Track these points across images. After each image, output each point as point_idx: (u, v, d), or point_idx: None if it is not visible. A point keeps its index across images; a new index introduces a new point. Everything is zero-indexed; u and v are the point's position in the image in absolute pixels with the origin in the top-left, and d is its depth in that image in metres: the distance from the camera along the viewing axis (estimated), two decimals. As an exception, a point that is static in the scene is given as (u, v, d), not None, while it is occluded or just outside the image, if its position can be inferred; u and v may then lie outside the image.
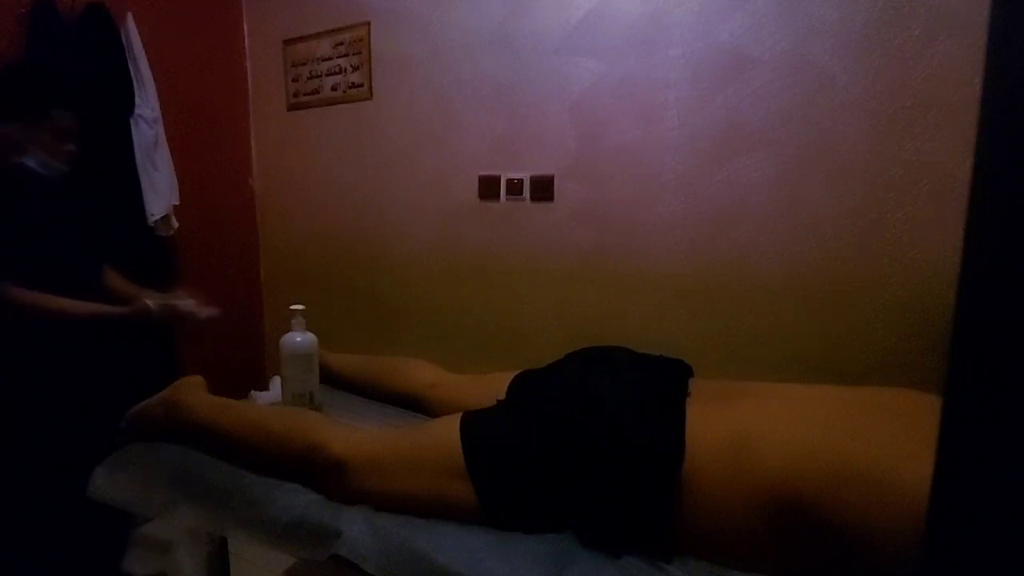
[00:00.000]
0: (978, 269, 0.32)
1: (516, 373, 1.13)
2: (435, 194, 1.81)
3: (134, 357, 1.40)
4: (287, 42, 2.06)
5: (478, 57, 1.67)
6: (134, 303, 1.25)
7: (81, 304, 1.20)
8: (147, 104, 1.73)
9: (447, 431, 0.95)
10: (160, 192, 1.77)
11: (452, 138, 1.76)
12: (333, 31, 1.93)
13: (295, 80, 2.06)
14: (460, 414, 0.98)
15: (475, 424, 0.95)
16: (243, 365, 2.21)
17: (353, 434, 1.01)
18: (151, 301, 1.26)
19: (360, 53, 1.89)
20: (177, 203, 1.83)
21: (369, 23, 1.86)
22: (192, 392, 1.17)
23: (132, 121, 1.70)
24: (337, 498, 0.94)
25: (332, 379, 1.43)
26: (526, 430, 0.92)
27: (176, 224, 1.84)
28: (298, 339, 1.19)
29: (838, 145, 1.26)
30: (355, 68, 1.91)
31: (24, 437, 1.31)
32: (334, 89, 1.97)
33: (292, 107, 2.10)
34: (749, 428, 0.82)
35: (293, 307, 1.20)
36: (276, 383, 1.28)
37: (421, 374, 1.37)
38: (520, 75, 1.62)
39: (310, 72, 2.02)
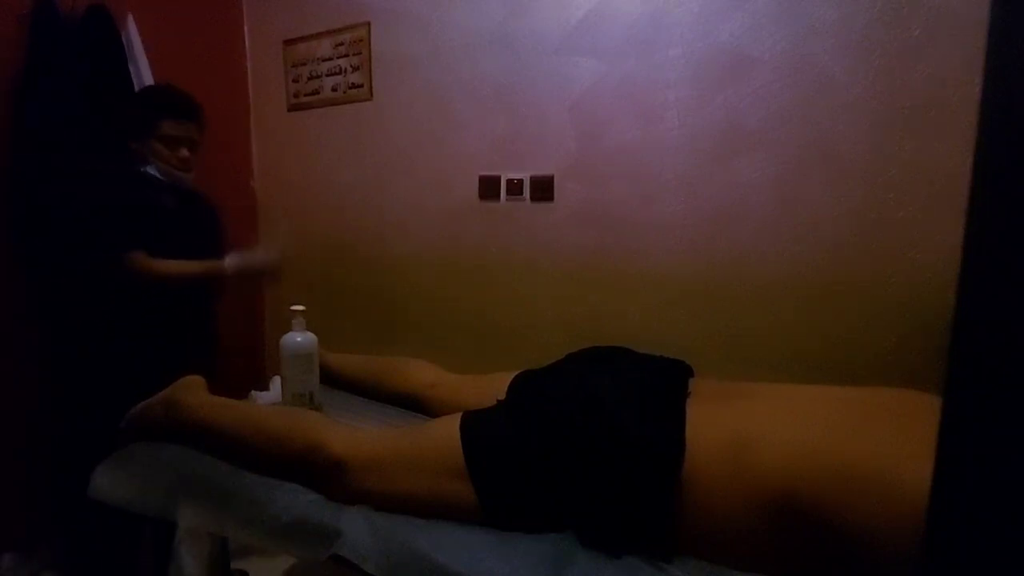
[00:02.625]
0: (978, 269, 0.32)
1: (516, 373, 1.13)
2: (435, 194, 1.81)
3: (134, 357, 1.41)
4: (287, 42, 2.06)
5: (478, 57, 1.67)
6: (216, 265, 1.45)
7: (185, 265, 1.42)
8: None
9: (447, 431, 0.95)
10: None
11: (452, 138, 1.76)
12: (333, 31, 1.93)
13: (295, 80, 2.06)
14: (460, 414, 0.98)
15: (475, 424, 0.95)
16: (243, 365, 2.20)
17: (353, 434, 1.01)
18: (229, 261, 1.47)
19: (360, 53, 1.89)
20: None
21: (369, 23, 1.86)
22: (192, 392, 1.17)
23: (132, 121, 1.70)
24: (337, 498, 0.94)
25: (332, 379, 1.43)
26: (526, 430, 0.92)
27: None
28: (298, 339, 1.19)
29: (838, 145, 1.26)
30: (355, 68, 1.91)
31: (26, 436, 1.31)
32: (334, 89, 1.97)
33: (292, 108, 2.10)
34: (749, 428, 0.82)
35: (293, 307, 1.20)
36: (276, 383, 1.28)
37: (421, 374, 1.37)
38: (520, 75, 1.62)
39: (310, 72, 2.02)
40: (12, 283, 1.53)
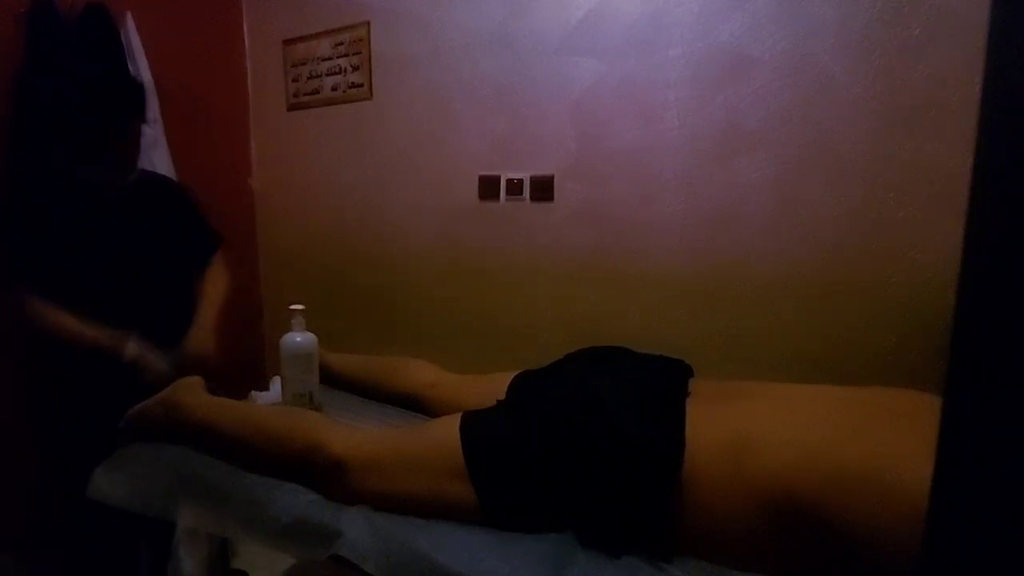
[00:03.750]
0: (978, 269, 0.32)
1: (516, 373, 1.13)
2: (435, 194, 1.81)
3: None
4: (287, 42, 2.06)
5: (478, 57, 1.67)
6: (116, 341, 1.25)
7: (75, 323, 1.23)
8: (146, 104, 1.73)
9: (447, 431, 0.95)
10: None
11: (452, 138, 1.76)
12: (333, 31, 1.93)
13: (295, 80, 2.06)
14: (460, 414, 0.98)
15: (475, 424, 0.95)
16: (243, 365, 2.20)
17: (353, 434, 1.01)
18: (132, 348, 1.25)
19: (360, 53, 1.89)
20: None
21: (369, 23, 1.86)
22: (191, 392, 1.17)
23: (132, 121, 1.70)
24: (337, 498, 0.94)
25: (332, 379, 1.43)
26: (526, 430, 0.92)
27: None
28: (298, 339, 1.19)
29: (838, 145, 1.26)
30: (355, 68, 1.91)
31: (25, 436, 1.31)
32: (334, 89, 1.97)
33: (292, 107, 2.10)
34: (749, 428, 0.82)
35: (293, 307, 1.20)
36: (276, 383, 1.28)
37: (421, 374, 1.37)
38: (520, 75, 1.62)
39: (310, 72, 2.02)
40: (11, 282, 1.53)
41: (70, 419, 1.54)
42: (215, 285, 1.48)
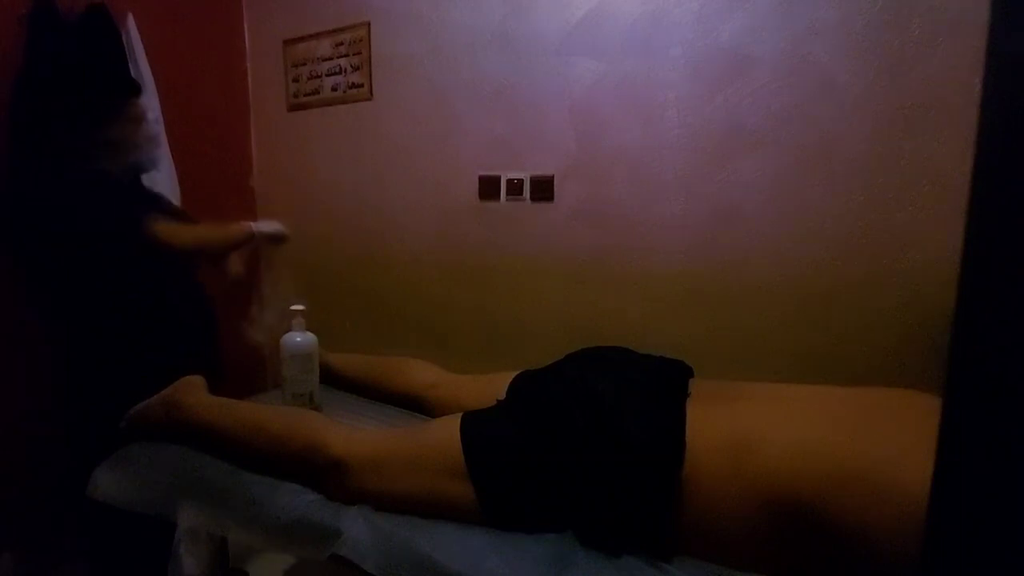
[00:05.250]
0: (978, 269, 0.32)
1: (516, 373, 1.13)
2: (435, 194, 1.81)
3: (134, 356, 1.40)
4: (287, 42, 2.06)
5: (478, 57, 1.67)
6: (239, 227, 1.42)
7: (208, 229, 1.40)
8: (147, 104, 1.73)
9: (447, 431, 0.95)
10: (160, 192, 1.76)
11: (452, 138, 1.76)
12: (333, 31, 1.93)
13: (295, 80, 2.06)
14: (460, 414, 0.98)
15: (475, 424, 0.95)
16: (243, 365, 2.20)
17: (353, 434, 1.01)
18: (255, 225, 1.44)
19: (360, 53, 1.89)
20: (177, 203, 1.83)
21: (369, 23, 1.86)
22: (192, 392, 1.17)
23: (132, 121, 1.70)
24: (337, 498, 0.94)
25: (332, 379, 1.43)
26: (526, 430, 0.92)
27: (176, 224, 1.83)
28: (298, 339, 1.19)
29: (838, 145, 1.26)
30: (355, 68, 1.91)
31: (26, 436, 1.31)
32: (334, 89, 1.97)
33: (292, 107, 2.10)
34: (749, 428, 0.82)
35: (293, 307, 1.20)
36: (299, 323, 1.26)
37: (421, 374, 1.37)
38: (520, 75, 1.62)
39: (310, 72, 2.02)
40: (14, 283, 1.53)
41: (71, 419, 1.54)
42: None
